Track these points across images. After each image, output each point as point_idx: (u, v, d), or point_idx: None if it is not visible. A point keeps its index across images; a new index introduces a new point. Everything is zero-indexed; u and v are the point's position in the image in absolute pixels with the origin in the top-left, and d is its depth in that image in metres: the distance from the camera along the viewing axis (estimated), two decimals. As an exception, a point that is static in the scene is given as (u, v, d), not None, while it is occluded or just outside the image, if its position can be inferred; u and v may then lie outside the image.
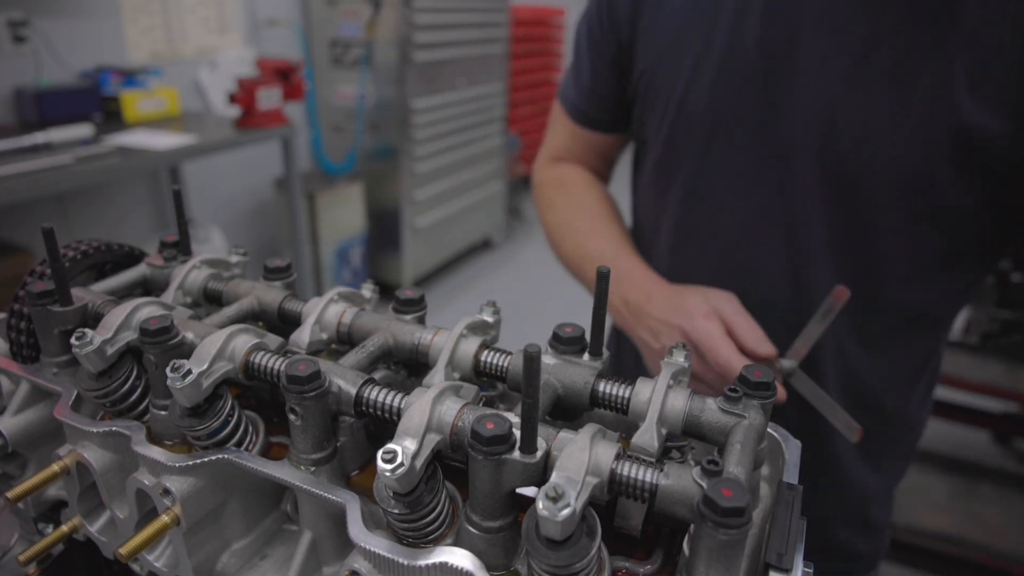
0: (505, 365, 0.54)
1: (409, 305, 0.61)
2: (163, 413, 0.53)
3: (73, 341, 0.52)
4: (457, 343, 0.55)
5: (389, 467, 0.40)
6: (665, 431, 0.47)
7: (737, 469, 0.41)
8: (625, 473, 0.41)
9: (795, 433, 0.52)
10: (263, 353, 0.53)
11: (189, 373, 0.47)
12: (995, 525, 2.36)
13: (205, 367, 0.49)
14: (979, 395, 2.55)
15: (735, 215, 1.00)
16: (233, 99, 3.09)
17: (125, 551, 0.47)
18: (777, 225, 0.96)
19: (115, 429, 0.53)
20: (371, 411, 0.48)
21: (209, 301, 0.67)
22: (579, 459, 0.40)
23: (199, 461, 0.49)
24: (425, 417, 0.43)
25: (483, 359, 0.55)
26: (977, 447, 2.96)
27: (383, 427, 0.53)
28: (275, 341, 0.55)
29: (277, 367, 0.52)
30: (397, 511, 0.42)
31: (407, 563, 0.41)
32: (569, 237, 1.19)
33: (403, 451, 0.41)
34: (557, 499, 0.36)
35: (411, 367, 0.62)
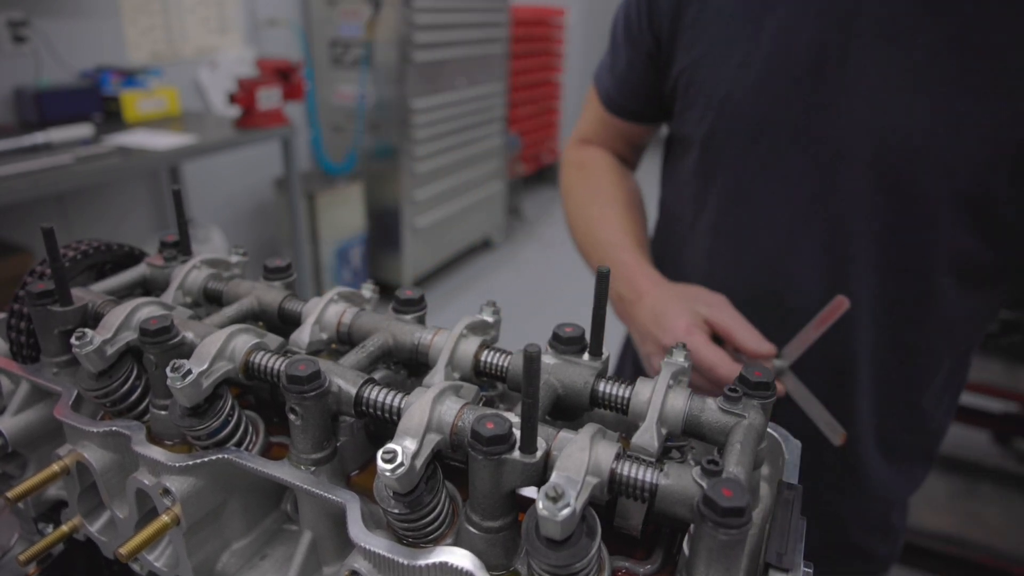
0: (505, 365, 0.54)
1: (409, 305, 0.61)
2: (163, 413, 0.53)
3: (73, 341, 0.52)
4: (457, 343, 0.55)
5: (389, 467, 0.40)
6: (665, 431, 0.47)
7: (737, 469, 0.41)
8: (625, 473, 0.41)
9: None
10: (263, 353, 0.53)
11: (189, 373, 0.47)
12: (995, 525, 2.36)
13: (205, 367, 0.49)
14: (979, 395, 2.54)
15: (775, 219, 0.98)
16: (233, 99, 3.09)
17: (125, 551, 0.47)
18: (818, 231, 0.94)
19: (115, 429, 0.53)
20: (371, 411, 0.48)
21: (209, 301, 0.67)
22: (579, 459, 0.40)
23: (199, 461, 0.49)
24: (425, 417, 0.43)
25: (483, 359, 0.55)
26: (977, 447, 2.96)
27: (383, 427, 0.53)
28: (275, 341, 0.55)
29: (277, 367, 0.52)
30: (397, 511, 0.42)
31: (407, 563, 0.41)
32: (581, 222, 1.19)
33: (403, 451, 0.41)
34: (557, 499, 0.36)
35: (411, 367, 0.62)
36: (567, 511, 0.36)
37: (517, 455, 0.40)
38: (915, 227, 0.89)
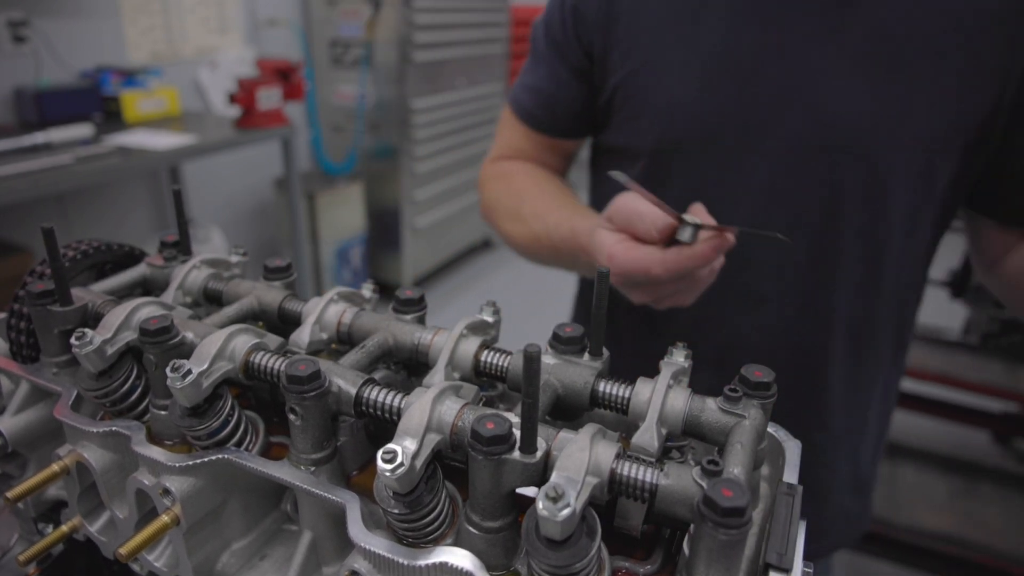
0: (505, 365, 0.54)
1: (409, 305, 0.61)
2: (163, 413, 0.53)
3: (73, 341, 0.52)
4: (457, 343, 0.55)
5: (389, 467, 0.40)
6: (665, 431, 0.47)
7: (737, 469, 0.41)
8: (625, 473, 0.41)
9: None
10: (263, 353, 0.53)
11: (189, 373, 0.47)
12: (995, 525, 2.36)
13: (205, 367, 0.49)
14: (979, 395, 2.55)
15: (736, 216, 0.98)
16: (233, 99, 3.09)
17: (125, 551, 0.47)
18: (780, 220, 0.97)
19: (115, 429, 0.53)
20: (371, 411, 0.48)
21: (209, 301, 0.67)
22: (579, 459, 0.40)
23: (199, 461, 0.49)
24: (425, 417, 0.43)
25: (483, 359, 0.55)
26: (977, 447, 2.97)
27: (383, 427, 0.53)
28: (275, 341, 0.55)
29: (277, 367, 0.52)
30: (397, 511, 0.42)
31: (407, 563, 0.41)
32: (519, 228, 1.11)
33: (403, 451, 0.41)
34: (557, 499, 0.36)
35: (411, 367, 0.62)
36: (567, 511, 0.36)
37: (517, 455, 0.40)
38: (873, 198, 0.94)
